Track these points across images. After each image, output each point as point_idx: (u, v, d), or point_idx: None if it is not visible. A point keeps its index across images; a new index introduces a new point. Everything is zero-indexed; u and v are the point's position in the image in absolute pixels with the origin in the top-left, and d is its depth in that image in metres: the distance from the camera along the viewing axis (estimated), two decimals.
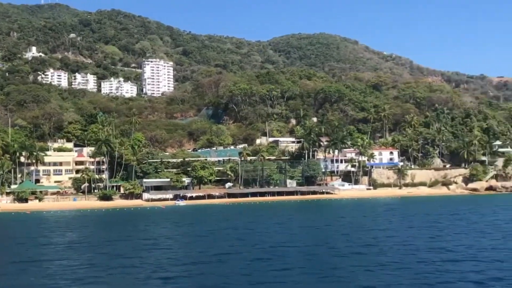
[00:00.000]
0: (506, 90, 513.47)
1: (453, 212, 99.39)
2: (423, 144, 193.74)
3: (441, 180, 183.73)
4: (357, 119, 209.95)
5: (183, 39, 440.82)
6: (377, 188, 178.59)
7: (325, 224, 79.86)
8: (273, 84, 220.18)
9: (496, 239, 58.53)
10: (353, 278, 38.94)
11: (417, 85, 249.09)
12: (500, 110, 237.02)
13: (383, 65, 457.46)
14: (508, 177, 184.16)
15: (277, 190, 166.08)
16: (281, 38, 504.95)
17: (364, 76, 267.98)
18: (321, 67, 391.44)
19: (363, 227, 74.97)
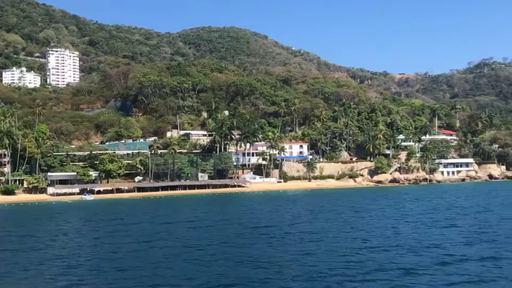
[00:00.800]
0: (407, 87, 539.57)
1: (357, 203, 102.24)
2: (331, 138, 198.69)
3: (348, 173, 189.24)
4: (268, 112, 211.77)
5: (90, 28, 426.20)
6: (287, 181, 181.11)
7: (236, 218, 79.29)
8: (184, 77, 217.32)
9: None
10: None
11: (325, 80, 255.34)
12: (402, 105, 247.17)
13: (292, 60, 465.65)
14: (410, 170, 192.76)
15: (189, 184, 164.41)
16: (191, 30, 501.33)
17: (275, 70, 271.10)
18: (231, 61, 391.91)
19: (275, 218, 75.28)
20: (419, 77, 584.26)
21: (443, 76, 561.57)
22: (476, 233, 53.97)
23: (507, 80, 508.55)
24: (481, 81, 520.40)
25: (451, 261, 39.37)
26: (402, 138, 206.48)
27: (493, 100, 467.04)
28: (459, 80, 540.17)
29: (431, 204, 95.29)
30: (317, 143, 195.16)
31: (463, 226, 60.72)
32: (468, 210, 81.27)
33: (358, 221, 69.18)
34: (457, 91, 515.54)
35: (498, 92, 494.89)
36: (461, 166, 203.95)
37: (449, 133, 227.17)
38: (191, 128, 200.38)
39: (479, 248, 44.46)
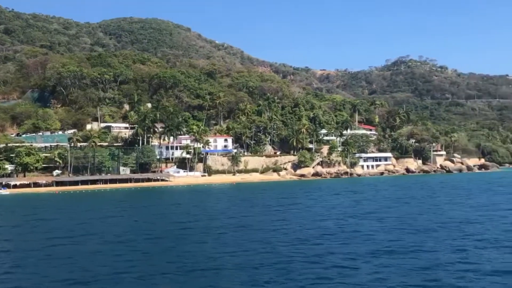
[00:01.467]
0: (328, 82, 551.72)
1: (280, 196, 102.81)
2: (256, 132, 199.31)
3: (272, 167, 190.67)
4: (192, 106, 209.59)
5: (5, 16, 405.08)
6: (212, 174, 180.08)
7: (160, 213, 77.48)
8: (105, 68, 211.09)
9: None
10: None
11: (250, 75, 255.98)
12: (324, 100, 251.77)
13: (215, 54, 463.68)
14: (332, 164, 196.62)
15: (110, 178, 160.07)
16: (112, 21, 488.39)
17: (199, 63, 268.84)
18: (153, 53, 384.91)
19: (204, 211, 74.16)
20: (339, 73, 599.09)
21: (362, 73, 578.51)
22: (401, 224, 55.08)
23: (422, 77, 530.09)
24: (398, 78, 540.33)
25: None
26: (324, 133, 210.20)
27: (409, 96, 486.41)
28: (377, 77, 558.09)
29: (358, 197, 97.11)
30: (241, 137, 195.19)
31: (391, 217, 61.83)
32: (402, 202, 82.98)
33: (286, 214, 69.19)
34: (375, 88, 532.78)
35: (414, 89, 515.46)
36: (380, 160, 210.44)
37: (369, 128, 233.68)
38: (112, 121, 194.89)
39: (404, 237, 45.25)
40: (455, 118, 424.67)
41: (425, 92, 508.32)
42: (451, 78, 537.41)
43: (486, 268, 32.84)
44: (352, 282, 30.37)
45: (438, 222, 55.28)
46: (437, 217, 60.28)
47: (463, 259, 35.69)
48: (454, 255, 36.91)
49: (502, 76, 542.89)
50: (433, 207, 72.41)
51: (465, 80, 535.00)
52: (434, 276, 31.20)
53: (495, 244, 41.19)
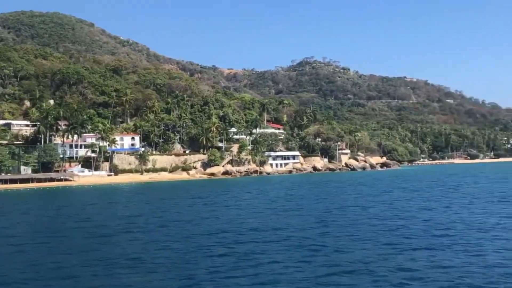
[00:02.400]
0: (236, 81, 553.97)
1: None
2: (165, 130, 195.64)
3: (181, 166, 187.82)
4: (98, 103, 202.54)
5: None
6: (118, 174, 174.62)
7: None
8: (5, 62, 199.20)
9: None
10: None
11: (157, 72, 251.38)
12: (233, 99, 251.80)
13: (120, 50, 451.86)
14: (242, 162, 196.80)
15: (10, 178, 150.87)
16: (11, 14, 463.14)
17: (104, 59, 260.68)
18: (55, 47, 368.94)
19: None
20: (246, 72, 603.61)
21: (269, 73, 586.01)
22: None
23: (326, 78, 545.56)
24: (303, 79, 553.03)
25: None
26: (234, 131, 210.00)
27: (313, 96, 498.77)
28: (283, 77, 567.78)
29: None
30: (149, 135, 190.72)
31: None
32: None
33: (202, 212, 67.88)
34: (282, 87, 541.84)
35: (318, 89, 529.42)
36: (288, 159, 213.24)
37: (277, 127, 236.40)
38: (12, 118, 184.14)
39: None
40: (357, 118, 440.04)
41: (328, 92, 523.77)
42: (353, 79, 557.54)
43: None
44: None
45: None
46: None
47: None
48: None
49: (400, 77, 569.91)
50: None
51: (366, 81, 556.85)
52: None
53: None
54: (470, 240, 41.07)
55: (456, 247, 38.53)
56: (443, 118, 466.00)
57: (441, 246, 39.14)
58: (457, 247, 38.36)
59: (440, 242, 40.53)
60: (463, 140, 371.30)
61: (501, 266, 32.02)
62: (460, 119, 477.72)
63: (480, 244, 39.49)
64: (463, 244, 39.62)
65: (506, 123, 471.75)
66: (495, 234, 43.83)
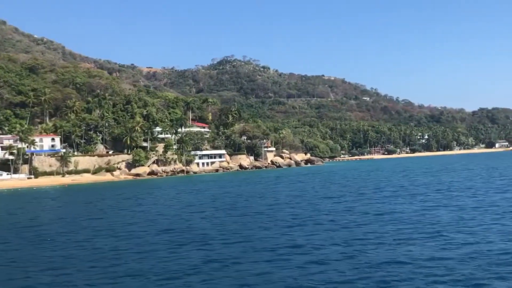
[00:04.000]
0: (155, 80, 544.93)
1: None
2: (86, 130, 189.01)
3: (105, 167, 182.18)
4: (14, 103, 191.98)
5: None
6: (38, 176, 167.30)
7: None
8: None
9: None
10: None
11: (76, 70, 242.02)
12: (156, 98, 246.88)
13: (34, 49, 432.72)
14: (168, 162, 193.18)
15: None
16: None
17: (19, 57, 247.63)
18: None
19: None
20: (166, 71, 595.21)
21: (189, 71, 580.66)
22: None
23: (247, 77, 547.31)
24: (224, 77, 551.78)
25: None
26: (159, 131, 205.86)
27: (235, 95, 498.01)
28: (204, 76, 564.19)
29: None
30: (71, 136, 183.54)
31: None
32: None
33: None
34: (202, 86, 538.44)
35: (239, 88, 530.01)
36: (215, 158, 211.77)
37: (203, 126, 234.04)
38: None
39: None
40: (278, 116, 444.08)
41: (249, 91, 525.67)
42: (273, 78, 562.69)
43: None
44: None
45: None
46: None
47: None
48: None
49: (319, 76, 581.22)
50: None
51: (286, 79, 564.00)
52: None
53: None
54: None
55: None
56: (360, 115, 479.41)
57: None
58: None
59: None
60: (380, 136, 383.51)
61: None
62: (377, 116, 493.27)
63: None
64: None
65: (419, 118, 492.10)
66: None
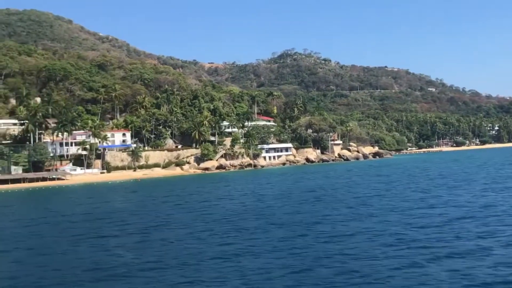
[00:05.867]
0: (217, 76, 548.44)
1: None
2: (156, 125, 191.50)
3: (175, 161, 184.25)
4: (86, 99, 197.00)
5: None
6: (111, 171, 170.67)
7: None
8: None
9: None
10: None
11: (143, 66, 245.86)
12: (222, 92, 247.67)
13: (100, 47, 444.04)
14: (235, 156, 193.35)
15: (1, 178, 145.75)
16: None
17: (88, 55, 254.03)
18: (34, 46, 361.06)
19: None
20: (227, 66, 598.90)
21: (250, 66, 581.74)
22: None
23: (308, 70, 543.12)
24: (284, 71, 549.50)
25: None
26: (226, 125, 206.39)
27: (296, 88, 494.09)
28: (265, 70, 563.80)
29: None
30: (141, 131, 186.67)
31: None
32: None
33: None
34: (263, 80, 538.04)
35: (300, 81, 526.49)
36: (281, 151, 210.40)
37: (268, 119, 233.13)
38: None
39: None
40: (340, 108, 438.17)
41: (311, 84, 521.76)
42: (335, 70, 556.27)
43: None
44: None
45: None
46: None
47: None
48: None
49: (382, 67, 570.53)
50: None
51: (348, 72, 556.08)
52: None
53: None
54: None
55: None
56: (426, 106, 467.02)
57: None
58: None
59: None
60: (449, 128, 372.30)
61: None
62: (443, 107, 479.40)
63: None
64: None
65: (487, 109, 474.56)
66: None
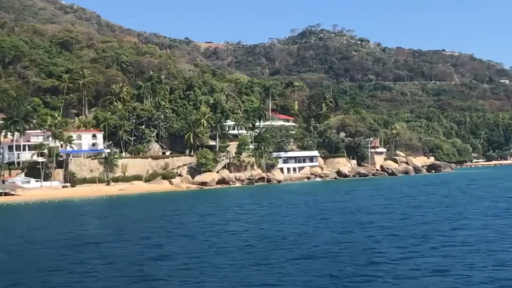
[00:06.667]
0: (217, 59, 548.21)
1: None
2: (137, 124, 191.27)
3: (161, 172, 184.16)
4: (44, 88, 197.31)
5: None
6: (76, 184, 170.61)
7: None
8: None
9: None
10: None
11: (120, 46, 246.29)
12: (225, 81, 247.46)
13: (62, 19, 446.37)
14: (242, 167, 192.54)
15: None
16: None
17: (47, 29, 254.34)
18: None
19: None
20: (230, 46, 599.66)
21: (261, 47, 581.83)
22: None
23: (338, 53, 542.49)
24: (307, 54, 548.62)
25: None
26: (230, 125, 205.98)
27: (322, 78, 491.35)
28: (280, 52, 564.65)
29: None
30: (117, 132, 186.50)
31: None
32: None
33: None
34: (279, 66, 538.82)
35: (328, 68, 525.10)
36: (304, 161, 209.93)
37: (286, 118, 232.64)
38: None
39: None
40: (381, 105, 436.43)
41: (342, 72, 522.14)
42: (375, 54, 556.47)
43: None
44: None
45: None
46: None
47: None
48: None
49: (437, 51, 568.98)
50: None
51: (392, 56, 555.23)
52: None
53: None
54: None
55: None
56: (497, 103, 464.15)
57: None
58: None
59: None
60: None
61: None
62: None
63: None
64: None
65: None
66: None
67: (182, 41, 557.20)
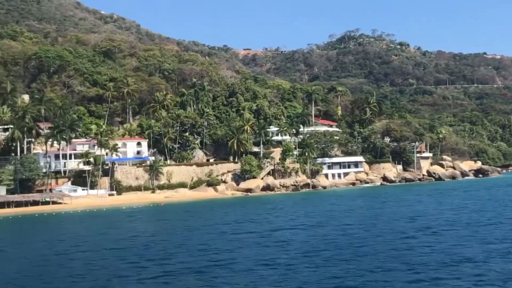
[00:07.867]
0: (255, 66, 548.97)
1: None
2: (181, 132, 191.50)
3: (206, 179, 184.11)
4: (89, 97, 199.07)
5: None
6: (122, 192, 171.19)
7: None
8: None
9: None
10: None
11: (162, 54, 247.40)
12: (267, 87, 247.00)
13: (102, 28, 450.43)
14: (287, 173, 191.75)
15: None
16: None
17: (90, 39, 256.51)
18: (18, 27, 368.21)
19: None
20: (268, 53, 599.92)
21: (300, 53, 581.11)
22: None
23: (378, 58, 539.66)
24: (346, 59, 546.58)
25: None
26: (274, 131, 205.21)
27: (362, 83, 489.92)
28: (319, 58, 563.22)
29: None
30: (161, 139, 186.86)
31: None
32: None
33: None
34: (318, 72, 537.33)
35: (368, 73, 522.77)
36: (349, 167, 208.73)
37: (329, 124, 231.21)
38: None
39: None
40: (423, 109, 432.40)
41: (382, 76, 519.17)
42: (415, 58, 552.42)
43: None
44: None
45: None
46: None
47: None
48: None
49: (479, 54, 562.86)
50: None
51: (433, 60, 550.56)
52: None
53: None
54: None
55: None
56: None
57: None
58: None
59: None
60: None
61: None
62: None
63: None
64: None
65: None
66: None
67: (220, 49, 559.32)
